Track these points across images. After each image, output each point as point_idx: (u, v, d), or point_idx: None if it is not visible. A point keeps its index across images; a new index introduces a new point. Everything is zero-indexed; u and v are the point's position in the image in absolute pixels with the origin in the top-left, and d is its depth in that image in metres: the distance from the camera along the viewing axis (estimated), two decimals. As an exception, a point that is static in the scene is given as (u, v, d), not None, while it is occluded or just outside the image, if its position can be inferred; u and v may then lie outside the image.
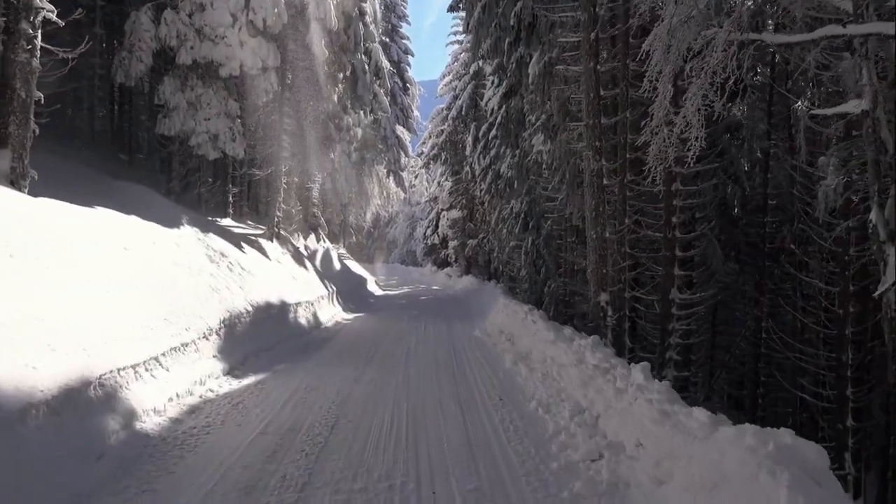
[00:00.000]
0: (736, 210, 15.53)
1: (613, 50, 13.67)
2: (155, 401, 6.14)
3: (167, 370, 6.81)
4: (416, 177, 58.64)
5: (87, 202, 9.23)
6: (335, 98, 20.64)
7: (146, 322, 7.08)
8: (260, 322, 10.87)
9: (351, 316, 17.69)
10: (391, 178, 35.38)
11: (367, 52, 21.56)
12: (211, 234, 11.88)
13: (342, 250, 33.80)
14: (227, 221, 15.17)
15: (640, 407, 5.42)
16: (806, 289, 13.00)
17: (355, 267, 31.91)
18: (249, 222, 17.24)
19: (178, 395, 6.68)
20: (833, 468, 3.86)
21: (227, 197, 15.44)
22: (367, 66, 21.10)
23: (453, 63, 37.56)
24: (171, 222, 10.74)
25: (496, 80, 23.26)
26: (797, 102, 13.17)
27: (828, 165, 8.68)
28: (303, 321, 13.54)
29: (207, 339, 8.50)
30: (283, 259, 15.65)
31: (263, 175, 16.68)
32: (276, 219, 15.96)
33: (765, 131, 13.89)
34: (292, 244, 18.59)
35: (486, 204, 33.98)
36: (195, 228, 11.36)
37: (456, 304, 23.60)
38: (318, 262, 22.62)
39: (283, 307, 12.54)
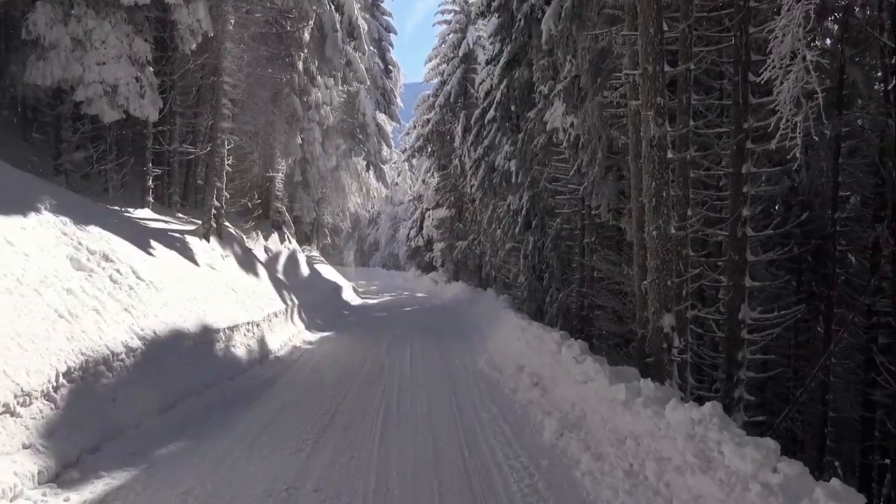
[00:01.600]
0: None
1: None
2: None
3: None
4: (398, 174, 54.70)
5: None
6: (299, 64, 16.72)
7: None
8: (156, 362, 6.92)
9: (316, 337, 13.76)
10: (371, 172, 31.42)
11: (338, 5, 17.62)
12: (92, 229, 7.89)
13: (314, 253, 29.76)
14: (143, 213, 11.15)
15: None
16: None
17: (329, 272, 27.93)
18: (180, 216, 13.23)
19: None
20: None
21: (145, 180, 11.40)
22: (337, 23, 17.19)
23: (441, 45, 33.77)
24: (12, 208, 6.76)
25: (496, 48, 19.46)
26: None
27: None
28: (240, 352, 9.58)
29: (12, 414, 4.56)
30: (221, 264, 11.67)
31: (202, 154, 12.70)
32: (213, 210, 11.99)
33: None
34: (241, 244, 14.61)
35: (477, 201, 30.16)
36: (63, 218, 7.37)
37: (446, 317, 19.75)
38: (279, 268, 18.65)
39: (207, 335, 8.58)
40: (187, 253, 10.47)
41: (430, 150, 34.17)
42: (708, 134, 10.48)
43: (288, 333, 12.60)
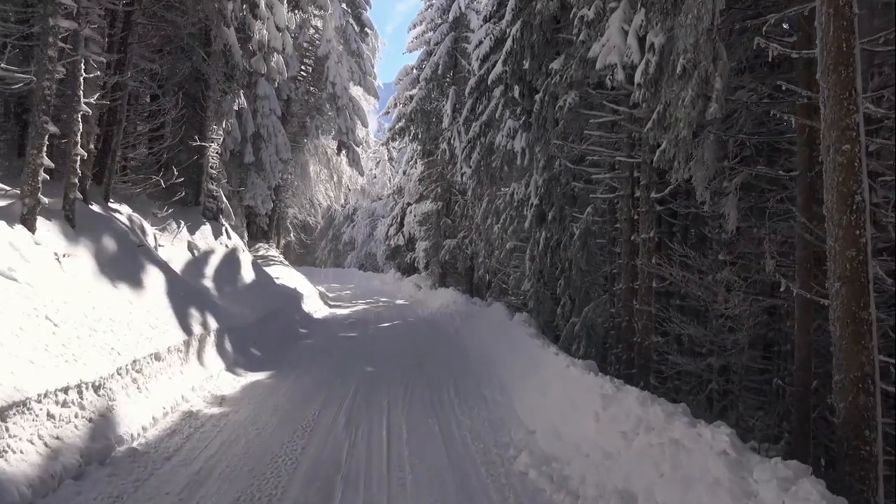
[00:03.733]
0: None
1: None
2: None
3: None
4: (377, 164, 49.38)
5: None
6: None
7: None
8: None
9: (238, 386, 8.57)
10: (344, 155, 26.16)
11: None
12: None
13: (272, 252, 24.45)
14: None
15: None
16: None
17: (291, 276, 22.63)
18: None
19: None
20: None
21: None
22: None
23: (426, 9, 28.65)
24: None
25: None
26: None
27: None
28: (15, 466, 4.37)
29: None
30: (42, 271, 6.42)
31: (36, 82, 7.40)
32: (39, 176, 6.77)
33: None
34: (121, 236, 9.28)
35: (469, 192, 24.92)
36: None
37: (439, 340, 14.62)
38: (205, 272, 13.39)
39: None
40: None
41: (413, 132, 28.98)
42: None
43: (183, 386, 7.41)
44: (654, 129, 8.17)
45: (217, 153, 15.26)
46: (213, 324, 9.60)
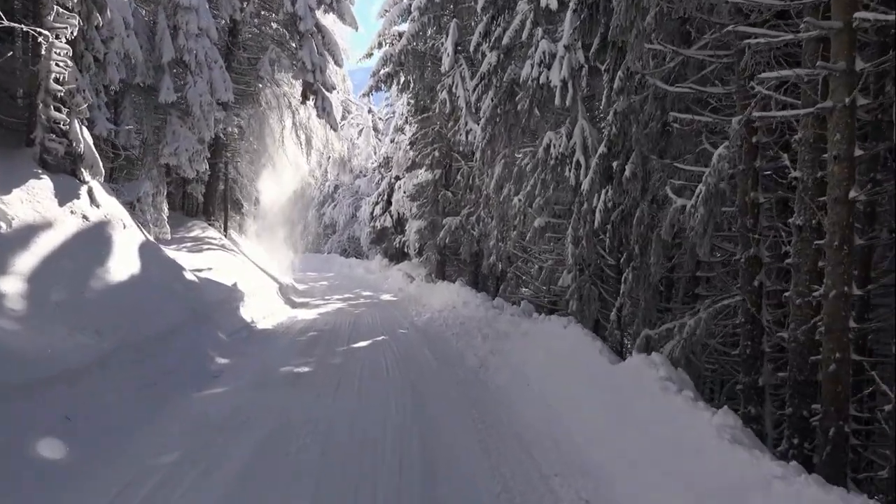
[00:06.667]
0: None
1: None
2: None
3: None
4: (359, 132, 42.61)
5: None
6: None
7: None
8: None
9: None
10: (312, 105, 19.48)
11: None
12: None
13: (209, 233, 17.82)
14: None
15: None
16: None
17: (231, 267, 16.08)
18: None
19: None
20: None
21: None
22: None
23: (421, -82, 21.77)
24: None
25: None
26: None
27: None
28: None
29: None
30: None
31: None
32: None
33: None
34: None
35: (477, 154, 18.01)
36: None
37: (457, 388, 7.95)
38: (17, 264, 6.95)
39: None
40: None
41: (403, 80, 22.29)
42: None
43: None
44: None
45: (69, 57, 8.68)
46: None
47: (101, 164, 9.45)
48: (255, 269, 18.07)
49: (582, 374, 6.46)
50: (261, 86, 19.63)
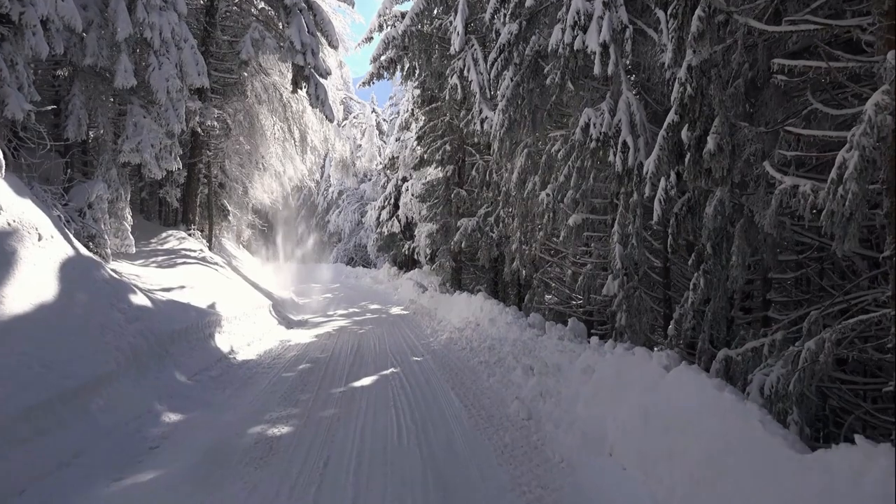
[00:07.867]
0: None
1: None
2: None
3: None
4: (362, 133, 40.02)
5: None
6: None
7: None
8: None
9: None
10: (305, 92, 16.91)
11: None
12: None
13: (192, 243, 15.27)
14: None
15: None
16: None
17: (212, 283, 13.52)
18: None
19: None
20: None
21: None
22: None
23: None
24: None
25: None
26: None
27: None
28: None
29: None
30: None
31: None
32: None
33: None
34: None
35: (495, 144, 15.09)
36: None
37: (506, 470, 5.52)
38: None
39: None
40: None
41: (407, 66, 19.71)
42: None
43: None
44: None
45: None
46: None
47: (1, 154, 6.88)
48: (244, 285, 15.51)
49: (725, 464, 3.78)
50: (246, 74, 17.10)
